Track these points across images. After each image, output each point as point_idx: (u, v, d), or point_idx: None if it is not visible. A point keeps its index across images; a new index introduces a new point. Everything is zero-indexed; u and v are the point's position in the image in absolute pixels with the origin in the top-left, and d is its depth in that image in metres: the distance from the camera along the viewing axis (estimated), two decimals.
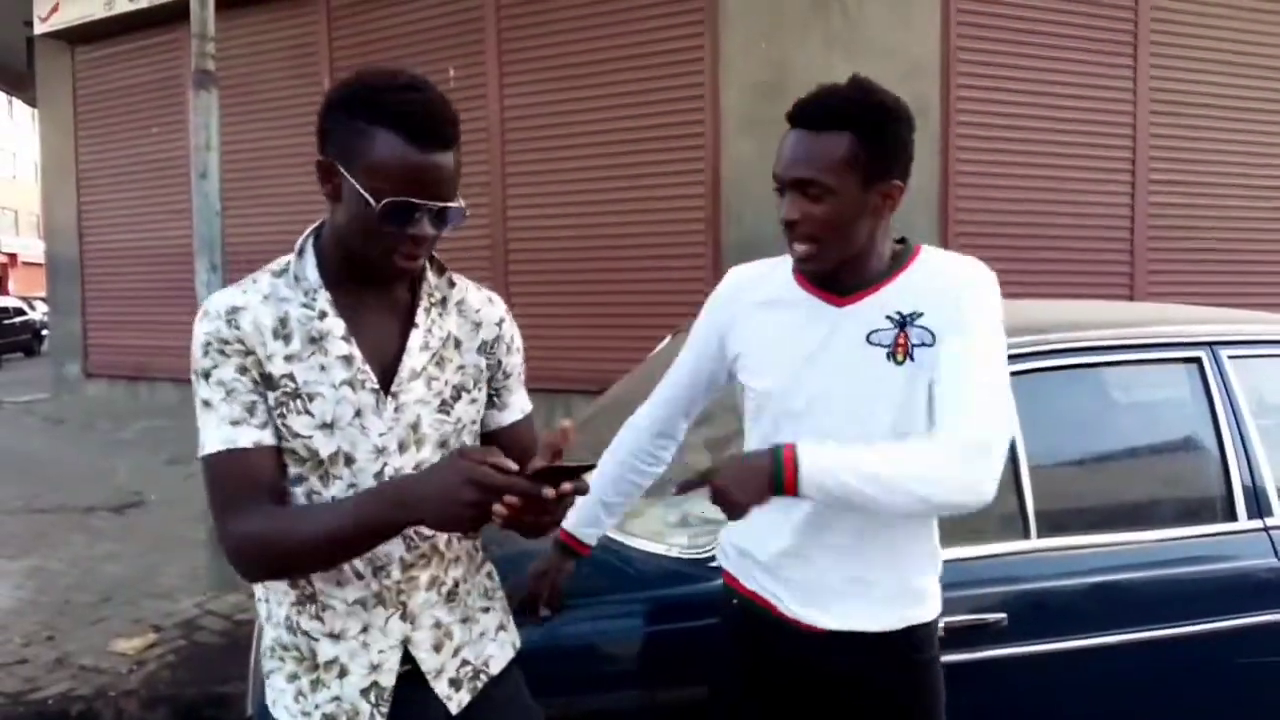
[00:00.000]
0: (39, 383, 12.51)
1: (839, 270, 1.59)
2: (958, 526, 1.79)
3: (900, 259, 1.62)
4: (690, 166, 7.14)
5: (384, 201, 1.22)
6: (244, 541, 1.25)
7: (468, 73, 8.04)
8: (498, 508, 1.14)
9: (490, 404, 1.48)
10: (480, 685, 1.45)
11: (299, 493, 1.31)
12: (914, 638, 1.64)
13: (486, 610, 1.51)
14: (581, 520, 1.86)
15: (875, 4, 6.66)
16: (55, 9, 10.15)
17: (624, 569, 2.06)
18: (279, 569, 1.30)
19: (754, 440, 1.70)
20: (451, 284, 1.44)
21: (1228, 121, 7.32)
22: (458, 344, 1.42)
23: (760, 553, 1.68)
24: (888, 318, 1.57)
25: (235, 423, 1.26)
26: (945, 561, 1.72)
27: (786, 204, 1.54)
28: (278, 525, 1.25)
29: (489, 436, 1.49)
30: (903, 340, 1.55)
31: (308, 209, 8.88)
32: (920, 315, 1.56)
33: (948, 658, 1.83)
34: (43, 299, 18.21)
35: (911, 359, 1.55)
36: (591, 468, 1.20)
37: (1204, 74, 7.24)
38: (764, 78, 6.74)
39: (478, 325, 1.45)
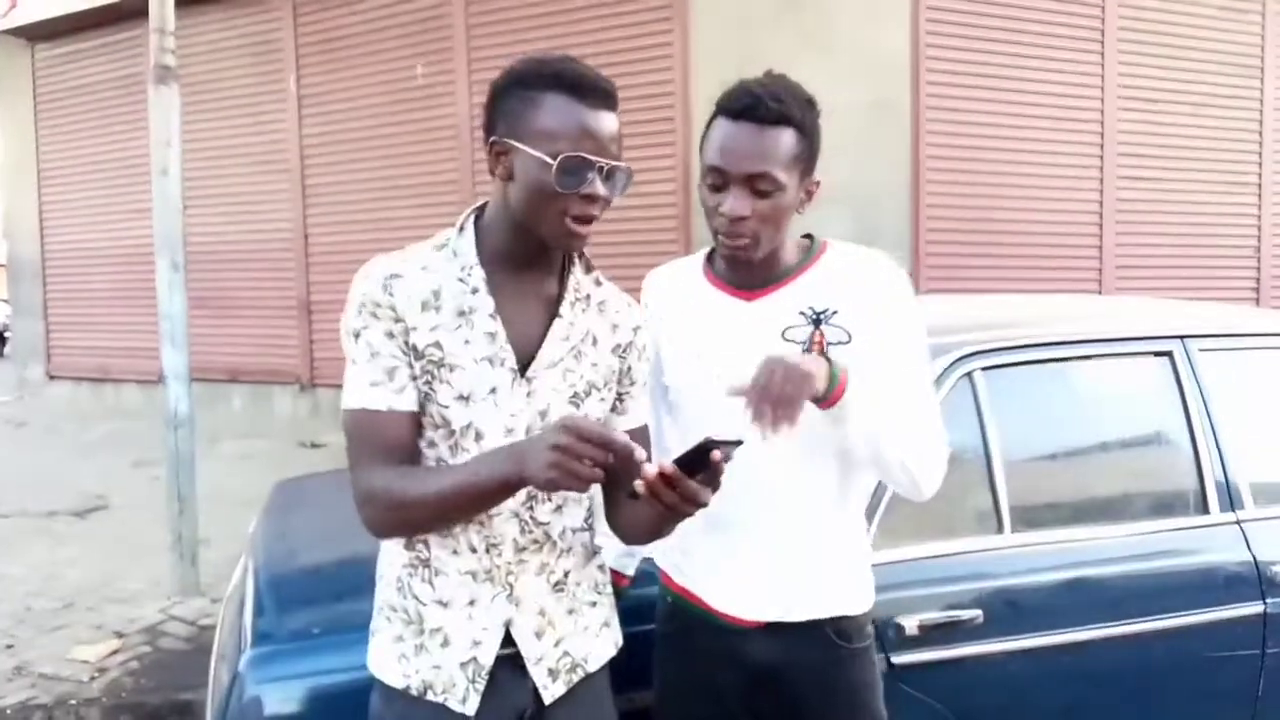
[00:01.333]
0: (1, 385, 12.29)
1: (753, 265, 1.58)
2: (931, 523, 1.77)
3: (808, 254, 1.62)
4: (661, 163, 7.11)
5: (561, 157, 1.28)
6: (367, 495, 1.33)
7: (436, 70, 7.97)
8: (586, 466, 1.16)
9: (611, 408, 1.50)
10: (575, 679, 1.46)
11: (430, 457, 1.39)
12: (839, 628, 1.62)
13: (594, 605, 1.51)
14: (619, 550, 1.81)
15: None
16: (14, 4, 9.94)
17: None
18: (398, 521, 1.36)
19: (672, 438, 1.70)
20: (598, 283, 1.49)
21: (1195, 116, 7.38)
22: (595, 341, 1.46)
23: (692, 549, 1.66)
24: (801, 314, 1.57)
25: (374, 384, 1.34)
26: (920, 560, 1.75)
27: (734, 198, 1.50)
28: (400, 481, 1.32)
29: None
30: (819, 338, 1.55)
31: (271, 207, 8.78)
32: (835, 313, 1.56)
33: (924, 656, 1.81)
34: (4, 300, 17.92)
35: (827, 357, 1.52)
36: (740, 443, 1.19)
37: (1171, 68, 7.29)
38: (734, 73, 6.68)
39: (615, 327, 1.48)
